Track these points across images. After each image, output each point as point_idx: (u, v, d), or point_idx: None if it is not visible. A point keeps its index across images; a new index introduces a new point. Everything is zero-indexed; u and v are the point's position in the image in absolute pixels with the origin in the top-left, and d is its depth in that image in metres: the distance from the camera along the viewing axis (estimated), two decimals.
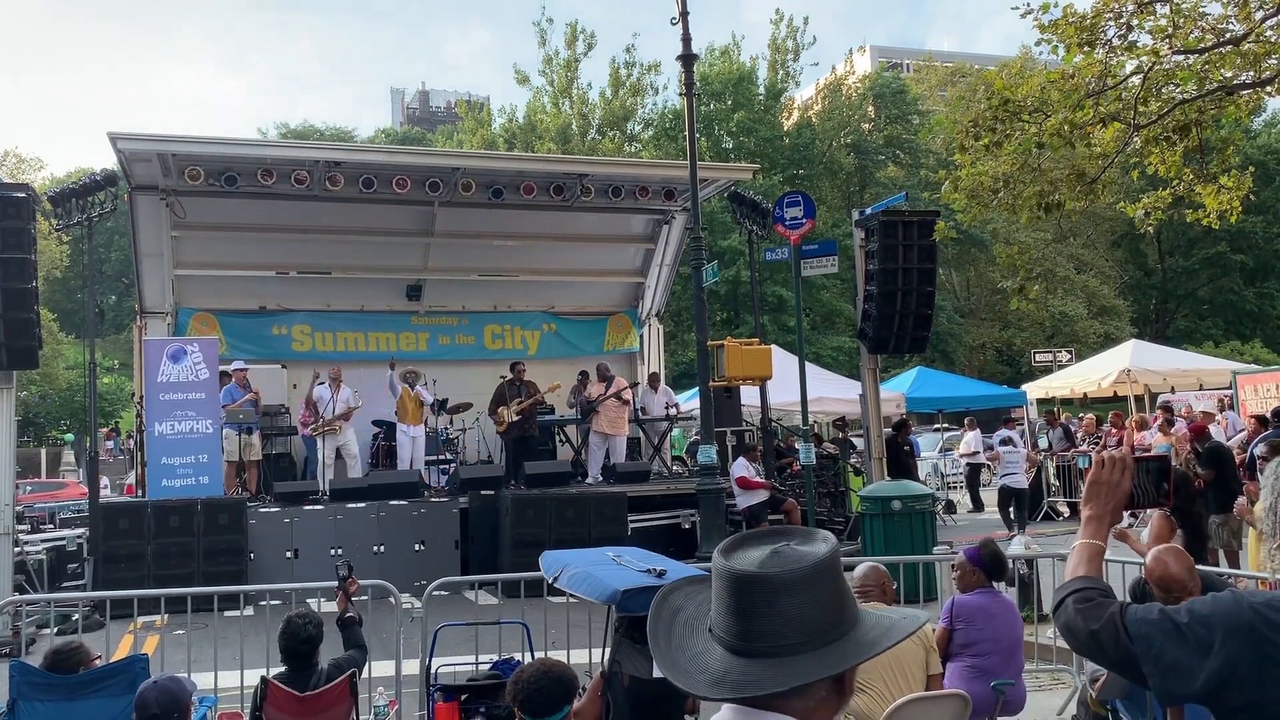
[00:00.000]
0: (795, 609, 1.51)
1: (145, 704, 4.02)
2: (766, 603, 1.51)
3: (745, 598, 1.53)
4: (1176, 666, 1.97)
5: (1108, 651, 2.09)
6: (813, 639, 1.51)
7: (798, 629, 1.51)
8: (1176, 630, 1.99)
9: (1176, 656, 1.98)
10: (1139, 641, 2.02)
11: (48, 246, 36.57)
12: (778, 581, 1.51)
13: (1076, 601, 2.17)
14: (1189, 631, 1.98)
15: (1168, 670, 1.98)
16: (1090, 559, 2.31)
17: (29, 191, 11.41)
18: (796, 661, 1.50)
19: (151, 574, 11.69)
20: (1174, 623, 2.01)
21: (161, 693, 4.05)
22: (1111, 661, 2.13)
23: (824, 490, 15.72)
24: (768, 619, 1.51)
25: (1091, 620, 2.11)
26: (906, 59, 73.24)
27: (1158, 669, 1.99)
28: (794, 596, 1.51)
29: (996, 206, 12.30)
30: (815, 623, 1.51)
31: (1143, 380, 22.28)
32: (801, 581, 1.52)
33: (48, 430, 44.03)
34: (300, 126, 68.91)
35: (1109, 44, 10.49)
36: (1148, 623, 2.04)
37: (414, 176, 15.21)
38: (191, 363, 13.18)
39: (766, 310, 34.04)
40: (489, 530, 13.35)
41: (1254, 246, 46.52)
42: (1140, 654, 2.02)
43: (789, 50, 44.08)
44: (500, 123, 46.95)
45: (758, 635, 1.52)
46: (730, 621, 1.54)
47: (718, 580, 1.57)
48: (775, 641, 1.51)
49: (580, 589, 4.74)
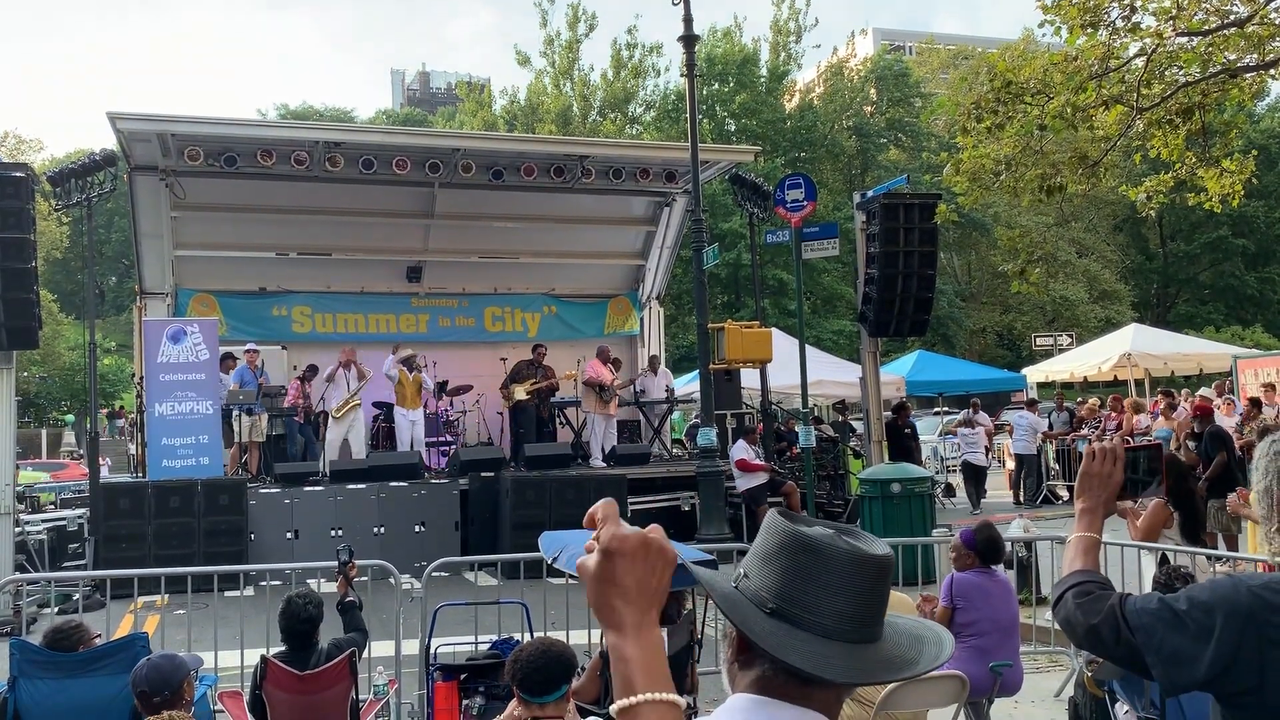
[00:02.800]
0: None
1: (135, 681, 4.05)
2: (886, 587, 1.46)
3: (883, 583, 1.46)
4: (1179, 655, 1.96)
5: (1109, 644, 2.08)
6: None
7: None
8: (1176, 618, 1.98)
9: (1178, 645, 1.97)
10: (1140, 632, 2.01)
11: (47, 227, 36.54)
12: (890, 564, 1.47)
13: (1076, 595, 2.16)
14: (1189, 618, 1.97)
15: (1170, 660, 1.97)
16: (1086, 551, 2.30)
17: (28, 171, 11.37)
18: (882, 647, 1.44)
19: (152, 554, 11.71)
20: (1173, 611, 1.99)
21: (152, 670, 4.06)
22: (1113, 654, 2.12)
23: (823, 473, 15.74)
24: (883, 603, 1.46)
25: (1091, 614, 2.10)
26: (909, 41, 72.91)
27: (1160, 659, 1.98)
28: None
29: (998, 189, 12.26)
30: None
31: (1143, 365, 22.28)
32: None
33: (48, 411, 44.08)
34: (300, 108, 68.70)
35: (1112, 26, 10.43)
36: (1147, 613, 2.03)
37: (414, 157, 15.17)
38: (191, 344, 13.18)
39: (767, 293, 34.01)
40: (489, 512, 13.38)
41: (1256, 231, 46.44)
42: (1142, 645, 2.01)
43: (791, 32, 43.88)
44: (501, 104, 46.79)
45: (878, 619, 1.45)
46: (859, 608, 1.43)
47: (853, 567, 1.43)
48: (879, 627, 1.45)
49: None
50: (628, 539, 1.32)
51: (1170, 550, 7.31)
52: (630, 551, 1.32)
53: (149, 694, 3.98)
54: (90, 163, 13.40)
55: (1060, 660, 8.13)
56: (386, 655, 6.74)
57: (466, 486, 13.57)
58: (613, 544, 1.31)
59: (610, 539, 1.31)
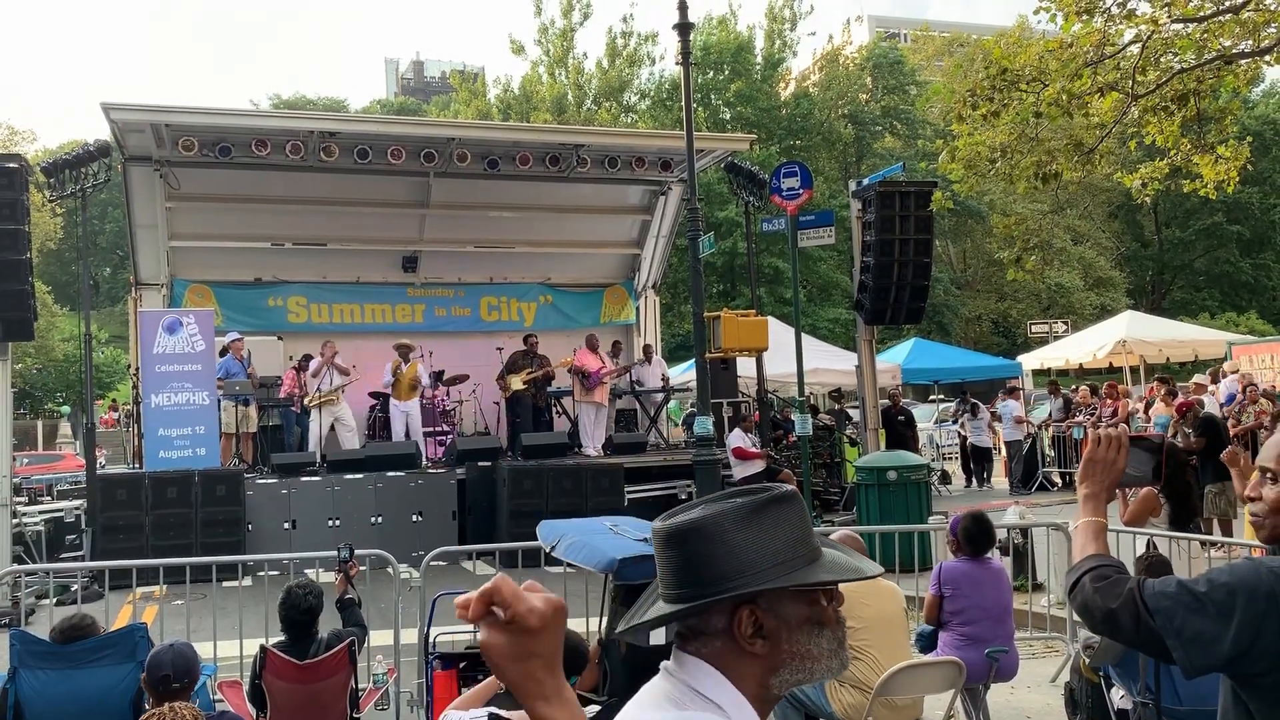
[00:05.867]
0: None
1: (160, 664, 4.02)
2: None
3: (795, 508, 1.57)
4: (1200, 638, 1.97)
5: (1127, 629, 2.08)
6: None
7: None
8: (1196, 601, 1.99)
9: (1199, 628, 1.97)
10: (1159, 616, 2.01)
11: (41, 219, 36.39)
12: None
13: (1093, 580, 2.16)
14: (1208, 600, 1.98)
15: (1191, 642, 1.98)
16: (1096, 536, 2.30)
17: (22, 162, 11.33)
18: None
19: (149, 545, 11.73)
20: (1192, 594, 2.00)
21: (177, 655, 4.07)
22: (1132, 639, 2.11)
23: (820, 461, 15.78)
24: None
25: (1110, 598, 2.10)
26: (904, 28, 72.77)
27: (1181, 642, 1.99)
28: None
29: (994, 176, 12.27)
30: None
31: (1138, 351, 22.32)
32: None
33: (44, 403, 44.02)
34: (293, 97, 68.48)
35: (1107, 12, 10.43)
36: (1166, 596, 2.03)
37: (409, 147, 15.13)
38: (187, 334, 13.16)
39: (763, 282, 33.98)
40: (486, 501, 13.40)
41: (1251, 217, 46.48)
42: (1162, 629, 2.01)
43: (786, 19, 43.73)
44: (495, 93, 46.60)
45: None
46: (798, 531, 1.57)
47: (771, 505, 1.58)
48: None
49: (578, 558, 4.77)
50: (544, 611, 1.29)
51: (1162, 536, 7.35)
52: (548, 623, 1.30)
53: (171, 678, 3.98)
54: (84, 153, 13.35)
55: (1056, 646, 8.17)
56: (385, 644, 6.76)
57: (464, 476, 13.59)
58: (531, 619, 1.27)
59: (528, 614, 1.27)
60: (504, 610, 1.28)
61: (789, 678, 1.50)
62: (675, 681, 1.50)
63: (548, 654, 1.31)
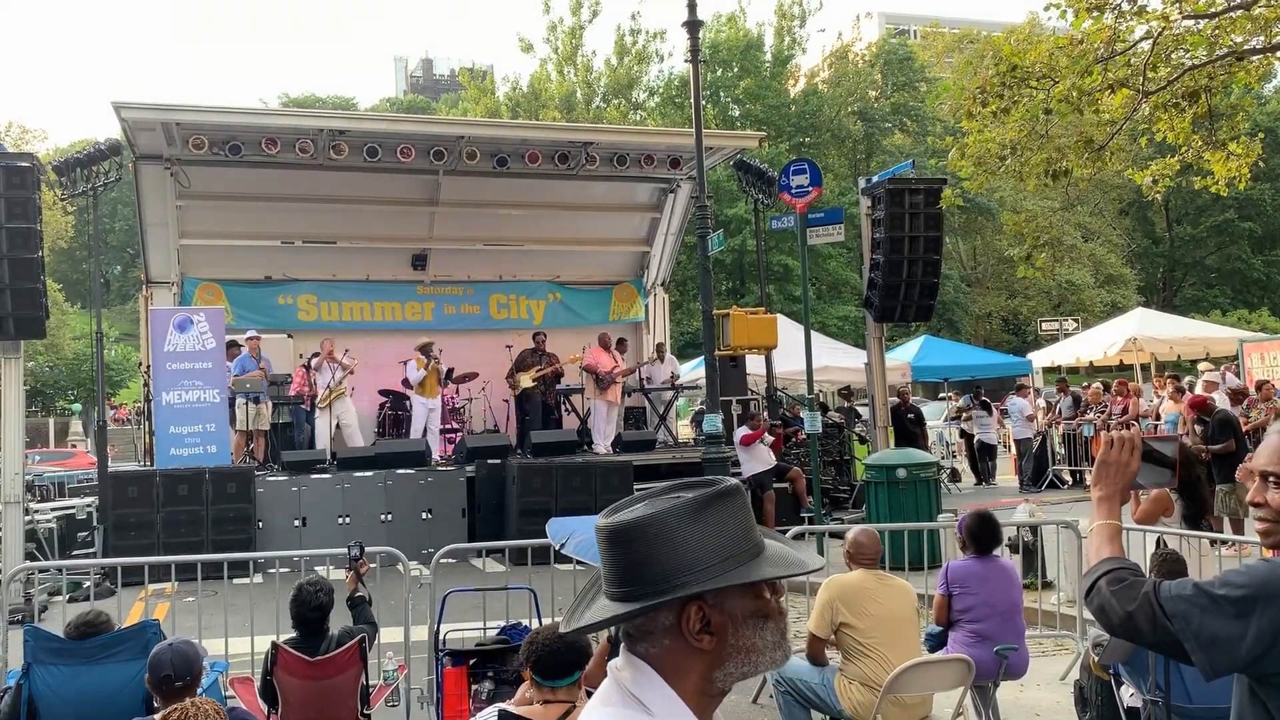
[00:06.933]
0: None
1: (160, 664, 3.99)
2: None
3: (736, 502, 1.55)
4: (1218, 640, 1.96)
5: (1145, 632, 2.08)
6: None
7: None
8: (1213, 603, 1.98)
9: (1216, 630, 1.96)
10: (1177, 619, 2.01)
11: (53, 217, 36.57)
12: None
13: (1110, 583, 2.15)
14: (1226, 602, 1.97)
15: (1209, 644, 1.97)
16: (1112, 538, 2.29)
17: (33, 161, 11.38)
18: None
19: (161, 542, 11.78)
20: (1209, 596, 2.00)
21: (176, 654, 4.04)
22: (1150, 642, 2.11)
23: (829, 459, 15.77)
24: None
25: (1127, 601, 2.09)
26: (913, 25, 72.53)
27: (1199, 644, 1.98)
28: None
29: (1004, 174, 12.21)
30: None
31: (1149, 349, 22.25)
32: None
33: (55, 400, 44.21)
34: (302, 95, 68.62)
35: (1118, 9, 10.37)
36: (1183, 599, 2.02)
37: (418, 145, 15.16)
38: (198, 332, 13.21)
39: (772, 279, 33.95)
40: (496, 498, 13.42)
41: (1262, 214, 46.24)
42: (1180, 631, 2.00)
43: (795, 16, 43.65)
44: (504, 91, 46.63)
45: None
46: (741, 527, 1.56)
47: (715, 501, 1.56)
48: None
49: (587, 555, 4.78)
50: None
51: (1172, 534, 7.33)
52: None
53: (172, 678, 3.97)
54: (95, 152, 13.42)
55: (1066, 644, 8.16)
56: (396, 641, 6.78)
57: (473, 473, 13.61)
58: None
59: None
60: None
61: (734, 671, 1.50)
62: (613, 682, 1.51)
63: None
